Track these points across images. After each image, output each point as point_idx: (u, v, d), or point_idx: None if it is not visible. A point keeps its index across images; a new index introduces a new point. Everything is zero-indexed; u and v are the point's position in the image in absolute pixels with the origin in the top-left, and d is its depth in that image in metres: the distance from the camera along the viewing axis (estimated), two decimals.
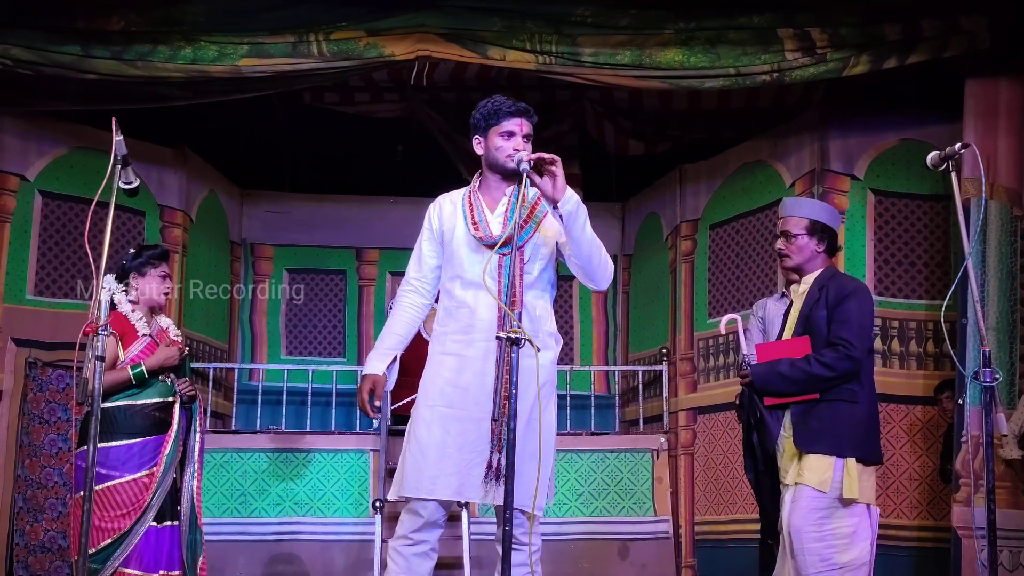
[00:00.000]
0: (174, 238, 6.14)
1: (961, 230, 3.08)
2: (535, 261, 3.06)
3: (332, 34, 4.81)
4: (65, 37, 4.73)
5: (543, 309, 3.09)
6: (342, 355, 6.94)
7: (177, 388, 3.80)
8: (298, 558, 5.65)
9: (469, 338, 2.96)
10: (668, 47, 4.88)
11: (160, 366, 3.76)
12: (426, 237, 3.16)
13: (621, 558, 5.77)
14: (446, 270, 3.12)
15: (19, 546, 5.14)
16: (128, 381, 3.69)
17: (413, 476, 2.98)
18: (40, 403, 5.36)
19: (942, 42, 4.82)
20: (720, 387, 6.04)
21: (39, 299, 5.50)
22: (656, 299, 6.66)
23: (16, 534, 5.15)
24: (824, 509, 3.27)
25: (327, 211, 7.02)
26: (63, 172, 5.64)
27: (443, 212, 3.15)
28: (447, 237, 3.10)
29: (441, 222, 3.13)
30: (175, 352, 3.80)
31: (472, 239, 3.05)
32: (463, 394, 2.95)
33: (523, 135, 3.06)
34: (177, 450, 3.78)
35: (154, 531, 3.71)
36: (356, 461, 5.86)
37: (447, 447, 2.96)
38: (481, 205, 3.09)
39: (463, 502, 4.29)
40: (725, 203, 6.14)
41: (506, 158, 3.04)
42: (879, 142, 5.49)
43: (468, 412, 2.95)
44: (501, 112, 3.06)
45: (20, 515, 5.17)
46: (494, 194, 3.11)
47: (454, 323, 3.06)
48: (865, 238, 5.42)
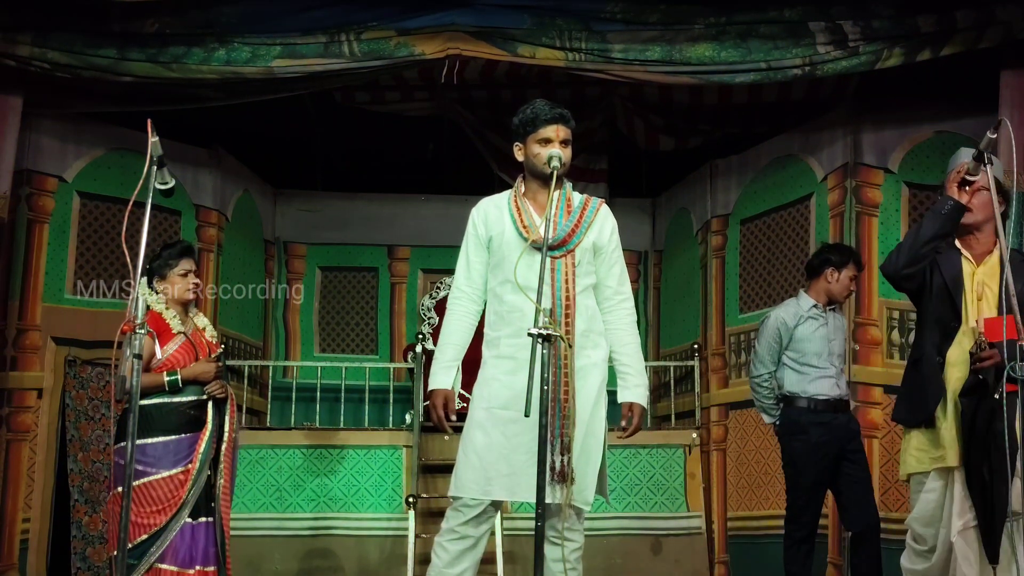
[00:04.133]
0: (209, 237, 6.23)
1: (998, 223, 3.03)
2: (585, 264, 3.10)
3: (363, 34, 4.85)
4: (101, 40, 4.80)
5: (595, 309, 3.13)
6: (375, 352, 7.00)
7: (205, 390, 3.82)
8: (333, 553, 5.71)
9: (522, 341, 2.89)
10: (698, 42, 4.86)
11: (195, 379, 3.80)
12: (472, 244, 3.17)
13: (654, 554, 5.77)
14: (495, 274, 3.14)
15: (76, 538, 5.22)
16: (162, 387, 3.74)
17: (470, 477, 3.02)
18: (84, 400, 5.47)
19: (977, 33, 4.75)
20: None
21: (78, 298, 5.59)
22: (687, 294, 6.63)
23: (73, 527, 5.22)
24: None
25: (359, 209, 7.07)
26: (100, 173, 5.72)
27: (489, 217, 3.16)
28: (496, 242, 3.12)
29: (488, 227, 3.15)
30: (212, 369, 3.83)
31: (522, 242, 3.05)
32: (519, 397, 2.90)
33: (560, 140, 3.09)
34: (212, 447, 3.82)
35: (189, 527, 3.74)
36: (389, 457, 5.91)
37: (503, 448, 3.00)
38: (528, 209, 3.12)
39: None
40: (756, 198, 6.11)
41: (544, 165, 3.06)
42: (913, 135, 5.43)
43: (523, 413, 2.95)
44: (539, 119, 3.10)
45: (76, 507, 5.25)
46: (539, 198, 3.14)
47: (507, 327, 3.08)
48: (900, 232, 5.36)
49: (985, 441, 3.01)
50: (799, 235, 5.81)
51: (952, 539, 3.11)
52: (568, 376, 3.01)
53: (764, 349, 4.46)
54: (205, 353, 3.90)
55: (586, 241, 3.10)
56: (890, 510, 4.93)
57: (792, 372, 4.41)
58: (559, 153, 3.02)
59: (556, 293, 3.01)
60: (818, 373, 4.36)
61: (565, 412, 2.98)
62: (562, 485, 2.93)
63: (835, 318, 4.49)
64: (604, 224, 3.17)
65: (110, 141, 5.75)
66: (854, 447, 4.40)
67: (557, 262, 3.03)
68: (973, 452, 3.04)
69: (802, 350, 4.38)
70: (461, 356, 3.15)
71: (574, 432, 3.00)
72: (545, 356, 2.65)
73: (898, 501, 5.06)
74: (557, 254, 3.04)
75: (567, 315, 3.03)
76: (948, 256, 3.25)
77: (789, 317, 4.42)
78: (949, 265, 3.21)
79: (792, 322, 4.40)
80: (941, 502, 3.18)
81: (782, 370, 4.43)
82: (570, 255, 3.06)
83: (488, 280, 3.17)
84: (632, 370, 3.16)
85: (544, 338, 2.66)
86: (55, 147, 5.57)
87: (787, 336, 4.40)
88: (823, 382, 4.36)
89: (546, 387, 2.65)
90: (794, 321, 4.40)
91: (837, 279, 4.43)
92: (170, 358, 3.80)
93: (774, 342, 4.42)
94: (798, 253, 5.78)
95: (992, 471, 2.99)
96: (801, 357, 4.39)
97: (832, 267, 4.44)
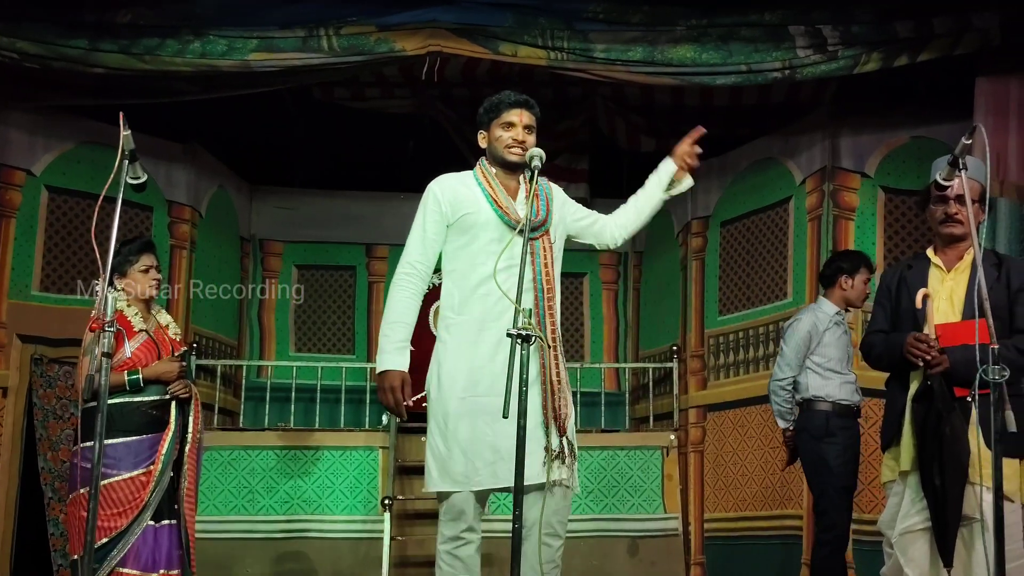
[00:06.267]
0: (182, 234, 6.13)
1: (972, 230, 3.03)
2: (559, 241, 3.09)
3: (342, 29, 4.80)
4: (73, 31, 4.72)
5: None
6: (351, 352, 6.93)
7: (168, 390, 3.74)
8: (306, 556, 5.64)
9: (504, 322, 2.78)
10: (680, 43, 4.86)
11: (157, 378, 3.73)
12: (432, 219, 3.04)
13: (630, 555, 5.75)
14: (458, 255, 3.03)
15: (54, 535, 5.13)
16: (123, 386, 3.66)
17: (452, 470, 2.94)
18: (51, 399, 5.37)
19: (954, 39, 4.79)
20: (730, 384, 6.02)
21: (45, 295, 5.49)
22: (667, 296, 6.63)
23: (50, 524, 5.13)
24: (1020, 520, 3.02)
25: (337, 207, 6.99)
26: (70, 167, 5.63)
27: (458, 195, 3.05)
28: (468, 221, 3.01)
29: (455, 205, 3.04)
30: (174, 368, 3.75)
31: (502, 225, 2.99)
32: (497, 382, 2.72)
33: (524, 126, 3.05)
34: (175, 448, 3.74)
35: (152, 530, 3.66)
36: (365, 458, 5.84)
37: (486, 436, 2.91)
38: (501, 192, 3.06)
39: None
40: (736, 200, 6.12)
41: (505, 148, 3.03)
42: (890, 139, 5.47)
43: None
44: (502, 104, 3.06)
45: (51, 505, 5.16)
46: (506, 184, 3.09)
47: (481, 310, 2.97)
48: (876, 236, 5.39)
49: (935, 446, 3.03)
50: (778, 238, 5.83)
51: (893, 540, 3.16)
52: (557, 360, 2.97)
53: (792, 353, 4.49)
54: (168, 351, 3.82)
55: (556, 218, 3.09)
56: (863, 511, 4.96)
57: (816, 376, 4.44)
58: (540, 152, 2.96)
59: (537, 278, 2.97)
60: (841, 379, 4.43)
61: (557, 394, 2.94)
62: (562, 465, 2.91)
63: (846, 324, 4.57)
64: (559, 196, 3.17)
65: (80, 134, 5.65)
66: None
67: (535, 243, 2.98)
68: (924, 456, 3.07)
69: (828, 355, 4.44)
70: (411, 336, 3.01)
71: (570, 412, 2.98)
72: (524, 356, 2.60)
73: (871, 503, 5.09)
74: (536, 234, 2.99)
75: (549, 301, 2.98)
76: (918, 269, 3.26)
77: (820, 322, 4.48)
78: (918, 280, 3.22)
79: (823, 327, 4.47)
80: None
81: (804, 374, 4.47)
82: (546, 236, 3.03)
83: (448, 259, 3.06)
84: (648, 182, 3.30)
85: (523, 339, 2.60)
86: (23, 140, 5.47)
87: (816, 341, 4.46)
88: (847, 387, 4.43)
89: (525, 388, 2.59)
90: (824, 326, 4.47)
91: (852, 285, 4.50)
92: (132, 356, 3.72)
93: (803, 346, 4.46)
94: (777, 256, 5.80)
95: (942, 475, 3.01)
96: (826, 362, 4.44)
97: (845, 274, 4.50)
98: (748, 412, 5.81)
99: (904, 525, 3.13)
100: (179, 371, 3.77)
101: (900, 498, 3.18)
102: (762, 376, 5.80)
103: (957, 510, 3.01)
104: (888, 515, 3.23)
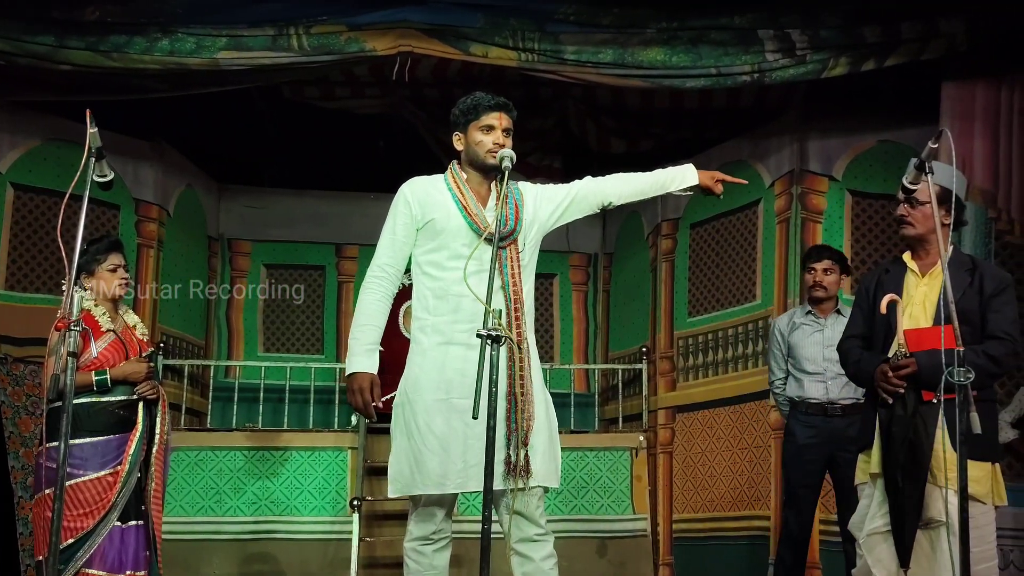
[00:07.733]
0: (149, 232, 6.07)
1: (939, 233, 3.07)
2: (530, 249, 3.07)
3: (312, 28, 4.78)
4: (40, 27, 4.66)
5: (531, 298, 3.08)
6: (320, 352, 6.89)
7: (136, 390, 3.70)
8: (273, 557, 5.60)
9: (473, 325, 2.76)
10: (650, 46, 4.89)
11: (124, 378, 3.69)
12: (403, 222, 3.03)
13: (599, 556, 5.77)
14: (429, 258, 3.02)
15: (23, 535, 5.03)
16: (90, 386, 3.61)
17: (420, 471, 2.93)
18: (21, 396, 5.29)
19: (921, 45, 4.85)
20: (699, 385, 6.06)
21: (10, 294, 5.42)
22: (636, 298, 6.66)
23: (19, 523, 5.03)
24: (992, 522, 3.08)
25: (306, 207, 6.95)
26: (36, 164, 5.55)
27: (429, 198, 3.03)
28: (438, 225, 3.00)
29: (425, 208, 3.02)
30: (142, 369, 3.71)
31: (470, 232, 2.97)
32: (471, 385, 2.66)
33: (503, 129, 3.04)
34: (142, 448, 3.70)
35: (119, 531, 3.62)
36: (334, 459, 5.82)
37: (458, 438, 2.91)
38: (471, 198, 3.04)
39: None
40: (706, 202, 6.14)
41: (487, 152, 3.02)
42: (857, 143, 5.53)
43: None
44: (480, 107, 3.03)
45: (21, 504, 5.06)
46: (478, 188, 3.07)
47: (454, 312, 2.96)
48: (843, 239, 5.45)
49: (899, 448, 3.07)
50: (747, 240, 5.88)
51: (860, 542, 3.20)
52: (523, 371, 2.95)
53: (771, 356, 4.73)
54: (136, 352, 3.77)
55: (525, 224, 3.06)
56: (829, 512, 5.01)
57: (792, 378, 4.60)
58: (510, 153, 2.96)
59: (505, 287, 2.96)
60: (810, 378, 4.50)
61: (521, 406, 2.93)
62: (519, 479, 2.89)
63: (840, 322, 4.44)
64: (530, 197, 3.12)
65: (47, 131, 5.58)
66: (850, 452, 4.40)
67: (503, 252, 2.97)
68: (889, 459, 3.10)
69: (796, 356, 4.56)
70: (380, 338, 3.01)
71: (533, 424, 2.95)
72: (494, 357, 2.61)
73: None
74: (504, 243, 2.98)
75: (516, 308, 2.98)
76: (894, 274, 3.29)
77: (783, 324, 4.65)
78: (893, 285, 3.25)
79: (786, 329, 4.61)
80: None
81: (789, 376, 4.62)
82: (513, 244, 3.02)
83: (418, 261, 3.05)
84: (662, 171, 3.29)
85: (494, 339, 2.61)
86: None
87: (784, 343, 4.61)
88: (814, 386, 4.48)
89: (494, 388, 2.60)
90: (788, 328, 4.61)
91: (804, 279, 4.69)
92: (99, 357, 3.67)
93: (776, 348, 4.66)
94: (746, 258, 5.85)
95: (904, 477, 3.05)
96: (796, 363, 4.56)
97: (805, 271, 4.68)
98: (717, 413, 5.86)
99: (871, 527, 3.17)
100: (147, 371, 3.73)
101: (869, 500, 3.22)
102: (731, 378, 5.86)
103: (915, 511, 3.05)
104: (858, 516, 3.26)
